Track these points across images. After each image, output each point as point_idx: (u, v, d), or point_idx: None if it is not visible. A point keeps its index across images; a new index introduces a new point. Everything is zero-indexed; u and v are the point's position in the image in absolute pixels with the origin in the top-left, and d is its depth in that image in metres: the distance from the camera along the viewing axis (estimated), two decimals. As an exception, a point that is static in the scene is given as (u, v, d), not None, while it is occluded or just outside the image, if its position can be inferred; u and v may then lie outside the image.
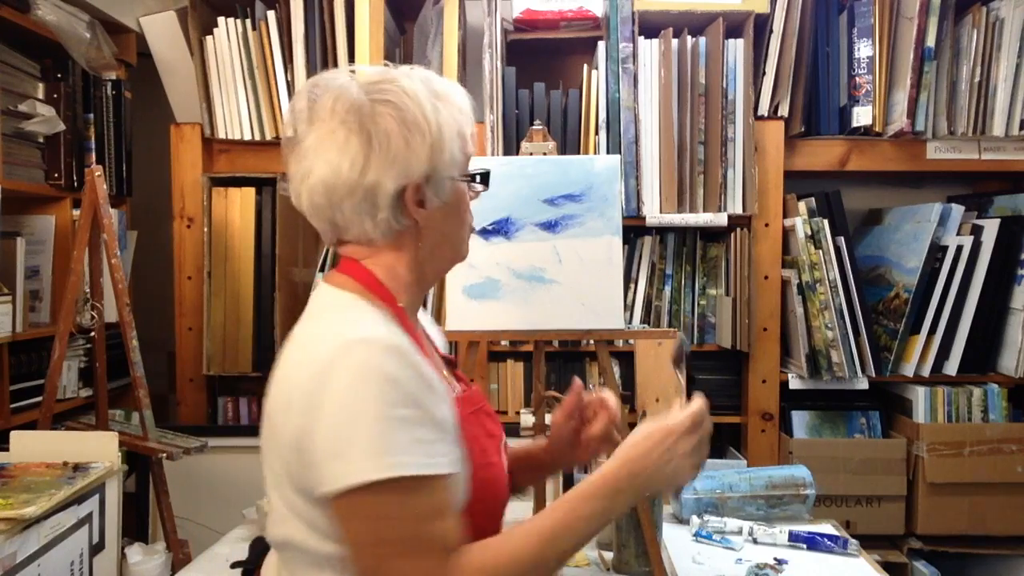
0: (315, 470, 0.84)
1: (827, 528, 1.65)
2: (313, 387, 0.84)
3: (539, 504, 1.40)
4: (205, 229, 2.30)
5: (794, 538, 1.57)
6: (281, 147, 1.01)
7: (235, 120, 2.31)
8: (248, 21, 2.28)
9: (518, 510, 1.80)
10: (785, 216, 2.27)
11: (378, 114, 0.94)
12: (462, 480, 0.91)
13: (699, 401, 0.99)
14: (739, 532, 1.60)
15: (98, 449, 1.70)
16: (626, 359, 2.33)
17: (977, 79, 2.21)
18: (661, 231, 2.34)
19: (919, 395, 2.21)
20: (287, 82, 2.27)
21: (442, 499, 0.86)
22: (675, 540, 1.60)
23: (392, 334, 0.89)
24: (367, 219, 0.96)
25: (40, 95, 2.15)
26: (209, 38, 2.29)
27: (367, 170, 0.93)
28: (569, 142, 2.26)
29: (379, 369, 0.84)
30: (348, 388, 0.83)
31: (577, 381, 1.15)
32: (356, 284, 0.97)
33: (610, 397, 1.13)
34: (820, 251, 2.19)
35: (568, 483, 2.27)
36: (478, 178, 1.04)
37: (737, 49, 2.21)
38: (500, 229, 1.39)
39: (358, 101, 0.95)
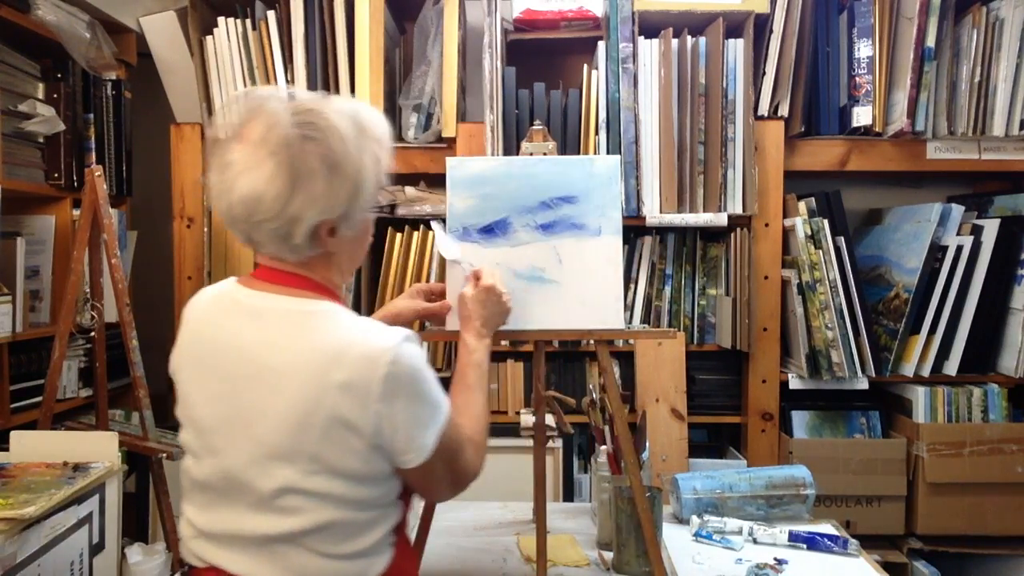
0: (397, 445, 1.01)
1: (827, 528, 1.65)
2: (387, 387, 0.98)
3: (539, 492, 1.40)
4: (205, 229, 2.30)
5: (794, 538, 1.57)
6: (206, 145, 1.04)
7: (235, 120, 2.30)
8: (248, 21, 2.28)
9: (522, 510, 1.80)
10: (785, 216, 2.27)
11: (306, 152, 0.99)
12: None
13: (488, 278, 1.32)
14: (739, 532, 1.60)
15: (98, 449, 1.70)
16: (626, 359, 2.33)
17: (977, 79, 2.21)
18: (661, 231, 2.34)
19: (919, 395, 2.21)
20: (287, 82, 2.27)
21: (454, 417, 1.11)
22: (675, 540, 1.59)
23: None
24: (282, 243, 1.03)
25: (40, 95, 2.16)
26: (209, 38, 2.29)
27: (289, 205, 0.99)
28: (569, 142, 2.26)
29: (422, 357, 1.04)
30: (414, 377, 1.01)
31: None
32: (319, 293, 1.07)
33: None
34: (820, 251, 2.19)
35: (568, 481, 2.28)
36: (384, 208, 1.11)
37: (737, 49, 2.21)
38: (500, 230, 1.39)
39: (288, 135, 0.99)
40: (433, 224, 1.45)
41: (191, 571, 1.10)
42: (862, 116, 2.25)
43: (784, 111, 2.25)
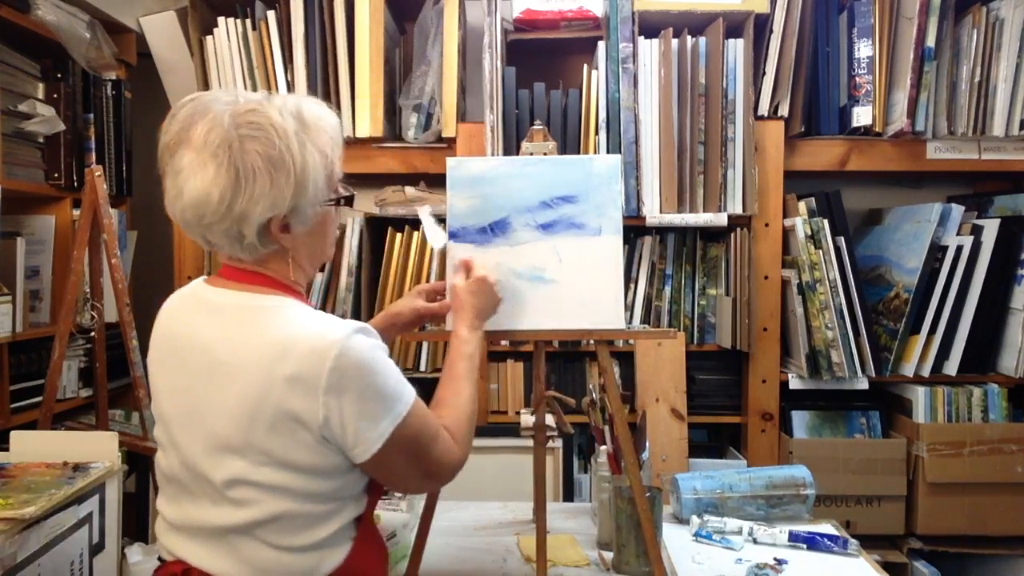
0: (347, 439, 1.01)
1: (827, 528, 1.65)
2: (333, 380, 0.98)
3: (539, 492, 1.40)
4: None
5: (794, 538, 1.57)
6: (158, 152, 1.07)
7: (235, 120, 2.30)
8: (248, 21, 2.28)
9: (522, 510, 1.80)
10: (785, 216, 2.27)
11: (246, 151, 1.01)
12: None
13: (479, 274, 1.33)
14: (739, 532, 1.60)
15: (98, 449, 1.70)
16: (626, 359, 2.33)
17: (977, 79, 2.21)
18: (661, 231, 2.34)
19: (919, 395, 2.21)
20: (287, 82, 2.27)
21: (423, 406, 1.11)
22: (675, 540, 1.59)
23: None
24: (235, 243, 1.06)
25: (40, 95, 2.16)
26: (209, 38, 2.29)
27: (234, 204, 1.01)
28: (569, 142, 2.26)
29: (376, 349, 1.04)
30: (363, 370, 1.01)
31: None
32: (277, 289, 1.09)
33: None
34: (820, 251, 2.19)
35: (568, 481, 2.27)
36: (342, 201, 1.14)
37: (737, 49, 2.21)
38: (500, 229, 1.39)
39: (228, 136, 1.01)
40: (421, 212, 1.46)
41: (161, 566, 1.11)
42: (862, 116, 2.25)
43: (784, 111, 2.25)
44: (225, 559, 1.04)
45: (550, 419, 1.61)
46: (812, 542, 1.56)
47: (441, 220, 1.44)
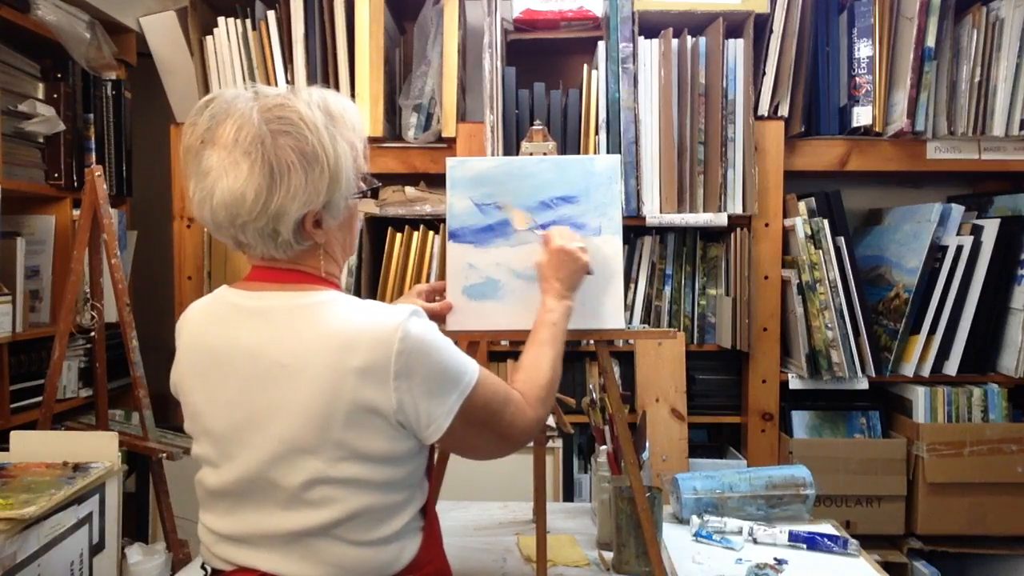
0: (420, 419, 1.02)
1: (827, 528, 1.65)
2: (401, 363, 0.99)
3: (539, 492, 1.40)
4: (205, 229, 2.30)
5: (794, 538, 1.57)
6: (180, 156, 1.06)
7: (235, 120, 2.30)
8: (248, 21, 2.28)
9: (522, 510, 1.80)
10: (785, 216, 2.27)
11: (279, 147, 1.00)
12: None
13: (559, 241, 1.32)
14: (739, 532, 1.60)
15: (98, 449, 1.70)
16: (626, 359, 2.33)
17: (977, 79, 2.21)
18: (661, 231, 2.34)
19: (919, 395, 2.21)
20: (287, 82, 2.27)
21: (489, 375, 1.12)
22: (675, 540, 1.59)
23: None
24: (270, 242, 1.05)
25: (40, 95, 2.16)
26: (209, 38, 2.29)
27: (270, 202, 1.00)
28: (569, 142, 2.26)
29: (433, 328, 1.05)
30: (426, 349, 1.02)
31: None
32: (317, 284, 1.08)
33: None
34: (820, 251, 2.19)
35: (568, 481, 2.27)
36: (368, 193, 1.14)
37: (737, 49, 2.21)
38: (500, 230, 1.39)
39: (260, 132, 1.00)
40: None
41: (217, 574, 1.10)
42: (862, 116, 2.25)
43: (784, 111, 2.25)
44: (302, 562, 1.02)
45: (550, 419, 1.61)
46: (812, 542, 1.56)
47: (441, 220, 1.44)
